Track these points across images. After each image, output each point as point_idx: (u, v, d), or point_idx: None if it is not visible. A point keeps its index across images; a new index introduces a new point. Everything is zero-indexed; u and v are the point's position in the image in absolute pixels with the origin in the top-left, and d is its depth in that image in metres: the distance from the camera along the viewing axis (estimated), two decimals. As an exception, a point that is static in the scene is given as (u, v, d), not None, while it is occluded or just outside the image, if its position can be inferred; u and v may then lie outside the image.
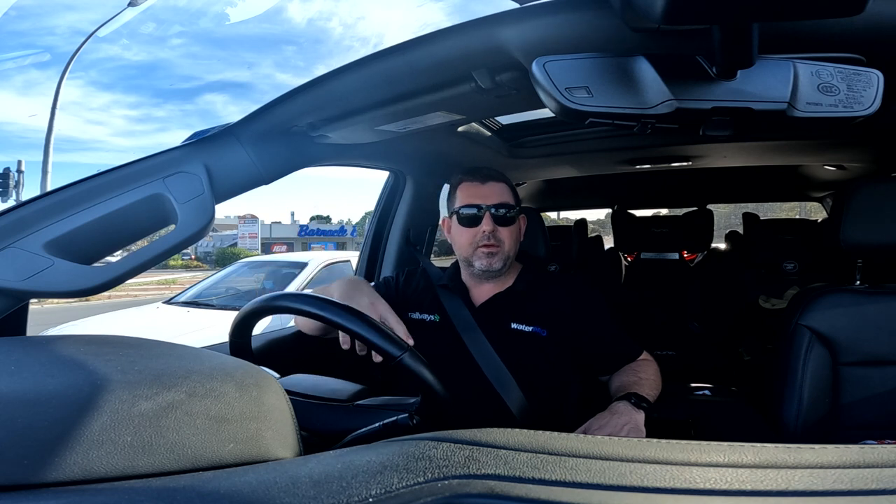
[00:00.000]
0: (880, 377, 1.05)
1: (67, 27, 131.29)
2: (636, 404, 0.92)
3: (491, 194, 1.05)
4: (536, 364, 1.00)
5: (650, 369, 1.08)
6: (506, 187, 1.08)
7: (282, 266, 4.77)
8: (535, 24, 0.57)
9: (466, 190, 1.07)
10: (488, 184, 1.06)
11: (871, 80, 0.48)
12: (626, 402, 0.92)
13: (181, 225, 0.64)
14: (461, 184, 1.08)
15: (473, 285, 1.10)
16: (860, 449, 0.33)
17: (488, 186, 1.06)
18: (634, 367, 1.08)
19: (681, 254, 2.62)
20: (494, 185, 1.06)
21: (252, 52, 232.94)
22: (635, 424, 0.87)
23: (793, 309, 1.12)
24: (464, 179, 1.09)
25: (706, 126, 0.49)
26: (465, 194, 1.07)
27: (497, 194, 1.05)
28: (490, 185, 1.06)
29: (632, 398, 0.93)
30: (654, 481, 0.29)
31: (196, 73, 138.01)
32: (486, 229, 1.03)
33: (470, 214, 1.05)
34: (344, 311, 0.66)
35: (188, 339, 2.66)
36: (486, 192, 1.06)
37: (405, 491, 0.28)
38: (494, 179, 1.07)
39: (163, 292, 10.77)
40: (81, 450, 0.31)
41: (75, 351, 0.41)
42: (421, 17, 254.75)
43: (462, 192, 1.07)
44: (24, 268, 0.55)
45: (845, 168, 1.88)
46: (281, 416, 0.43)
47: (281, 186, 51.95)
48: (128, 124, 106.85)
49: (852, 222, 1.03)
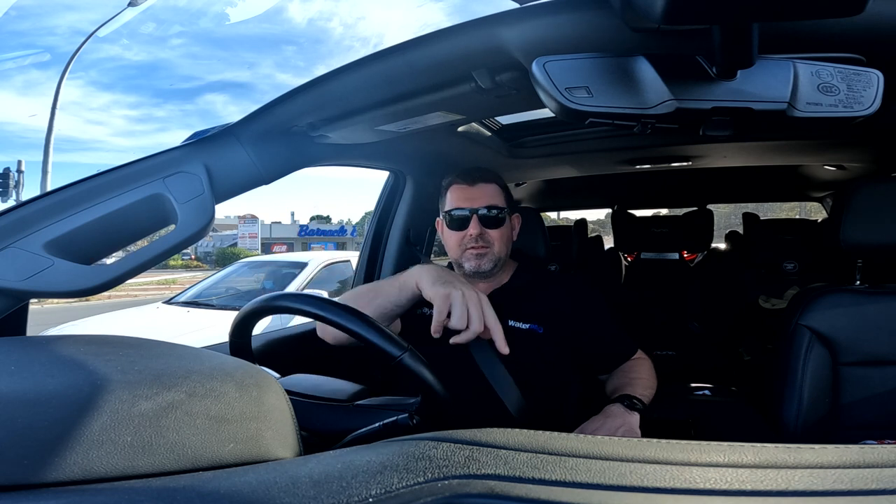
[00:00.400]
0: (880, 377, 1.05)
1: (68, 27, 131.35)
2: (630, 406, 0.92)
3: (479, 196, 1.05)
4: (533, 362, 1.00)
5: (644, 368, 1.08)
6: (495, 188, 1.07)
7: (282, 266, 4.77)
8: (535, 24, 0.57)
9: (455, 192, 1.07)
10: (477, 185, 1.06)
11: (871, 80, 0.48)
12: (620, 404, 0.92)
13: (181, 225, 0.64)
14: (451, 186, 1.08)
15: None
16: (860, 449, 0.33)
17: (477, 188, 1.06)
18: (629, 367, 1.09)
19: (681, 254, 2.62)
20: (484, 186, 1.06)
21: (252, 52, 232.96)
22: (629, 427, 0.87)
23: (793, 309, 1.12)
24: (454, 182, 1.08)
25: (706, 126, 0.49)
26: (454, 196, 1.07)
27: (485, 196, 1.05)
28: (479, 188, 1.06)
29: (625, 400, 0.93)
30: (654, 481, 0.29)
31: (196, 73, 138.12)
32: (473, 232, 1.03)
33: (458, 217, 1.05)
34: (344, 311, 0.65)
35: (188, 339, 2.66)
36: (474, 194, 1.05)
37: (405, 491, 0.28)
38: (484, 181, 1.07)
39: (163, 292, 10.77)
40: (81, 450, 0.31)
41: (75, 351, 0.41)
42: (421, 18, 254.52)
43: (451, 194, 1.08)
44: (24, 268, 0.55)
45: (845, 168, 1.88)
46: (281, 416, 0.43)
47: (281, 186, 51.98)
48: (128, 124, 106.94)
49: (852, 222, 1.03)
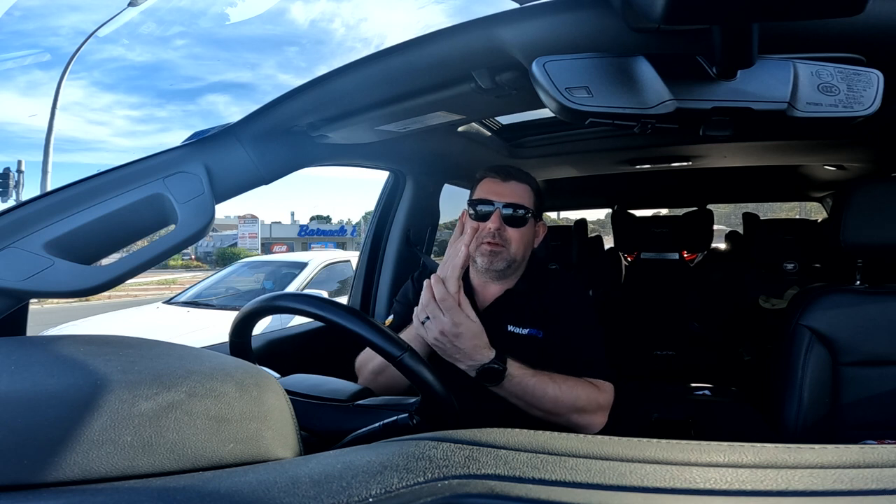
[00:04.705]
0: (880, 377, 1.05)
1: (71, 28, 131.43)
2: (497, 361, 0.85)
3: (507, 193, 1.04)
4: (533, 368, 0.99)
5: (586, 390, 0.93)
6: (527, 189, 1.06)
7: (282, 266, 4.78)
8: (535, 24, 0.57)
9: (486, 185, 1.06)
10: (509, 182, 1.05)
11: (871, 80, 0.48)
12: (505, 360, 0.86)
13: (181, 225, 0.64)
14: (483, 178, 1.07)
15: (480, 285, 1.09)
16: (860, 449, 0.33)
17: (508, 185, 1.05)
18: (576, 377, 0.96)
19: (681, 254, 2.61)
20: (515, 185, 1.05)
21: (254, 52, 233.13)
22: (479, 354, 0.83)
23: (793, 309, 1.12)
24: (486, 175, 1.07)
25: (706, 126, 0.49)
26: (484, 188, 1.06)
27: (513, 194, 1.04)
28: (510, 185, 1.05)
29: (505, 361, 0.86)
30: (654, 481, 0.29)
31: (199, 73, 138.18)
32: (492, 226, 1.01)
33: (481, 209, 1.04)
34: (344, 311, 0.66)
35: (188, 339, 2.66)
36: (503, 189, 1.04)
37: (405, 491, 0.28)
38: (517, 179, 1.06)
39: (163, 292, 10.77)
40: (81, 450, 0.31)
41: (75, 351, 0.41)
42: (422, 19, 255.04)
43: (482, 186, 1.07)
44: (24, 268, 0.55)
45: (845, 168, 1.88)
46: (281, 416, 0.43)
47: (281, 186, 51.97)
48: (130, 125, 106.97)
49: (852, 222, 1.03)
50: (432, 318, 0.84)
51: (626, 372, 2.10)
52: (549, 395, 0.89)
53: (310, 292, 0.86)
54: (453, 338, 0.83)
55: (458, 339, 0.83)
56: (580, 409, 0.91)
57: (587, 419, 0.93)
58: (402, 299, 1.19)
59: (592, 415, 0.93)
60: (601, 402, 0.95)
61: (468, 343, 0.84)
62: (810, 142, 1.50)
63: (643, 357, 2.23)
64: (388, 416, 0.66)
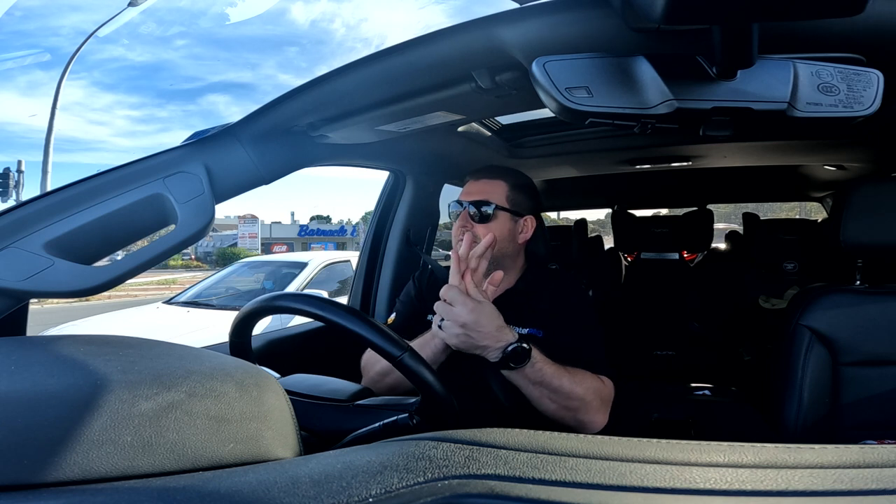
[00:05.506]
0: (880, 377, 1.05)
1: (71, 28, 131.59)
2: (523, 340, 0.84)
3: (475, 191, 1.06)
4: None
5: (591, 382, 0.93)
6: (499, 184, 1.06)
7: (282, 266, 4.78)
8: (535, 24, 0.57)
9: (465, 186, 1.09)
10: (479, 181, 1.07)
11: (871, 80, 0.48)
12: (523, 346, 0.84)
13: (181, 225, 0.64)
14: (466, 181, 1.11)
15: None
16: (860, 449, 0.33)
17: (478, 184, 1.07)
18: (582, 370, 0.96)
19: (681, 254, 2.61)
20: (485, 182, 1.07)
21: (255, 52, 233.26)
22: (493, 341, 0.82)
23: (793, 309, 1.12)
24: (468, 177, 1.11)
25: (706, 126, 0.49)
26: (462, 191, 1.09)
27: (480, 191, 1.05)
28: (479, 183, 1.07)
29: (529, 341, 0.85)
30: (654, 481, 0.29)
31: (199, 73, 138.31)
32: (458, 225, 1.04)
33: (453, 211, 1.07)
34: (343, 311, 0.66)
35: (188, 339, 2.66)
36: (472, 188, 1.07)
37: (405, 491, 0.28)
38: (487, 177, 1.07)
39: (163, 292, 10.77)
40: (81, 450, 0.31)
41: (75, 351, 0.41)
42: (422, 19, 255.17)
43: (463, 188, 1.10)
44: (24, 268, 0.55)
45: (845, 168, 1.88)
46: (281, 416, 0.43)
47: (281, 186, 51.99)
48: (130, 125, 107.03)
49: (852, 222, 1.03)
50: (447, 317, 0.84)
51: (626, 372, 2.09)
52: (565, 384, 0.88)
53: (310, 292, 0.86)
54: (474, 325, 0.82)
55: (478, 324, 0.82)
56: (588, 403, 0.91)
57: (591, 416, 0.93)
58: (405, 298, 1.20)
59: (596, 412, 0.93)
60: (605, 397, 0.95)
61: (490, 326, 0.83)
62: (810, 142, 1.50)
63: (643, 357, 2.23)
64: (388, 416, 0.66)
